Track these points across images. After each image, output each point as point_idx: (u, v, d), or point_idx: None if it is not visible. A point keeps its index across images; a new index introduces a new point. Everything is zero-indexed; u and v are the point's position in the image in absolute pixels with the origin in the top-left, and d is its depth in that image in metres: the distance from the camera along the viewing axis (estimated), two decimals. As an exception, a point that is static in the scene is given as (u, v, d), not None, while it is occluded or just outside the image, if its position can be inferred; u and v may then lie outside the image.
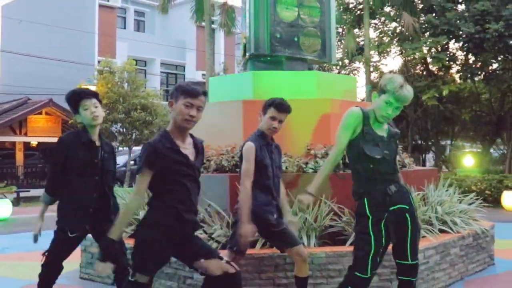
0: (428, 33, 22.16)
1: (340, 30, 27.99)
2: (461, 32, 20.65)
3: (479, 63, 22.56)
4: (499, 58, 22.56)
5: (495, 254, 8.36)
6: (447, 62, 22.48)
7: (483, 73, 23.19)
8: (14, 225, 14.07)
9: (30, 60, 32.46)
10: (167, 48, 38.86)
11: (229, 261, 4.39)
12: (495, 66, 23.80)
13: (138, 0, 40.94)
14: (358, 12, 27.46)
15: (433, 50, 22.85)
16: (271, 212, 5.20)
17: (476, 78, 23.30)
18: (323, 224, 6.49)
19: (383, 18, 26.41)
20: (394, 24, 25.57)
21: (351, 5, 27.96)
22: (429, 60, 24.38)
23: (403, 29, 22.96)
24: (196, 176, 4.30)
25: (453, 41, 22.47)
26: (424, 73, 26.10)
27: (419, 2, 24.39)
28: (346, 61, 27.35)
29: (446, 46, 23.25)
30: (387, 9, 26.17)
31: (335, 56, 9.26)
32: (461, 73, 23.09)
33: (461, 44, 21.92)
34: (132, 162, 24.31)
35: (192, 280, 6.03)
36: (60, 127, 32.54)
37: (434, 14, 22.35)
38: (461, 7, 22.95)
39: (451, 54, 23.18)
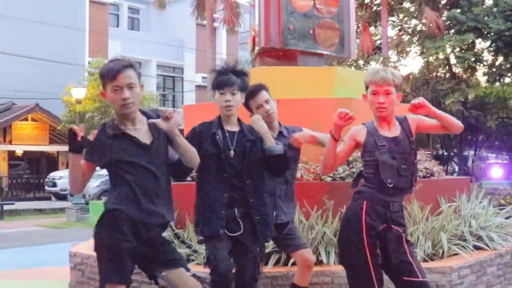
0: (452, 30, 22.01)
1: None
2: (489, 30, 20.49)
3: (509, 64, 22.39)
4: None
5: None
6: (473, 63, 22.29)
7: (514, 75, 23.07)
8: (1, 240, 14.10)
9: (15, 60, 32.33)
10: (164, 49, 38.73)
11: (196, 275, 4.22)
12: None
13: (132, -4, 40.99)
14: (375, 8, 27.38)
15: (457, 49, 22.67)
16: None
17: (506, 81, 23.14)
18: (344, 239, 6.27)
19: (401, 15, 26.32)
20: (414, 22, 25.46)
21: (366, 0, 27.84)
22: (452, 61, 24.21)
23: (423, 27, 22.86)
24: (152, 163, 4.02)
25: (479, 40, 22.37)
26: (447, 75, 25.97)
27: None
28: (361, 62, 27.25)
29: (472, 45, 23.09)
30: (406, 5, 26.11)
31: (354, 52, 9.19)
32: (488, 75, 22.88)
33: (489, 43, 21.78)
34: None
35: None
36: (48, 135, 32.72)
37: (459, 10, 22.25)
38: (488, 2, 22.86)
39: (478, 54, 22.98)
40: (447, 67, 25.94)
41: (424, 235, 6.52)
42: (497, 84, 25.12)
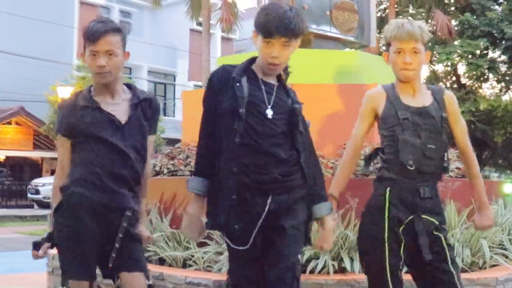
0: (464, 35, 21.75)
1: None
2: (504, 35, 20.21)
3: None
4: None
5: None
6: (486, 70, 21.92)
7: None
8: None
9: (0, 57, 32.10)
10: (156, 54, 38.40)
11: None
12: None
13: (124, -2, 40.78)
14: (379, 13, 27.17)
15: (468, 56, 22.38)
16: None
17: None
18: (369, 243, 5.63)
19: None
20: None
21: (373, 5, 27.76)
22: (461, 70, 23.97)
23: (431, 35, 22.57)
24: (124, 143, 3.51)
25: (491, 48, 22.11)
26: (455, 85, 25.71)
27: (452, 1, 24.30)
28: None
29: (485, 52, 22.82)
30: (413, 10, 26.05)
31: (374, 39, 8.63)
32: (502, 84, 22.61)
33: (501, 50, 21.48)
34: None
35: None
36: (32, 140, 32.69)
37: (470, 14, 22.10)
38: (498, 8, 22.71)
39: (491, 61, 22.68)
40: (454, 77, 25.70)
41: (460, 242, 5.95)
42: (505, 97, 24.93)
